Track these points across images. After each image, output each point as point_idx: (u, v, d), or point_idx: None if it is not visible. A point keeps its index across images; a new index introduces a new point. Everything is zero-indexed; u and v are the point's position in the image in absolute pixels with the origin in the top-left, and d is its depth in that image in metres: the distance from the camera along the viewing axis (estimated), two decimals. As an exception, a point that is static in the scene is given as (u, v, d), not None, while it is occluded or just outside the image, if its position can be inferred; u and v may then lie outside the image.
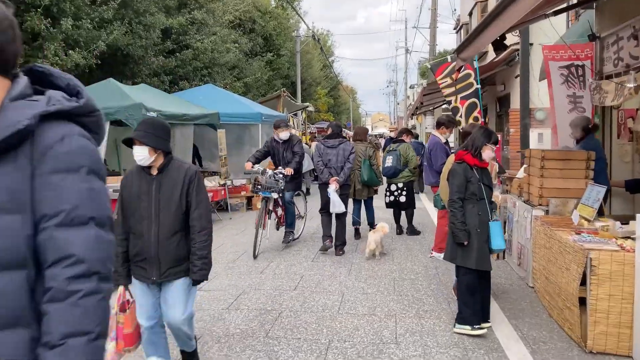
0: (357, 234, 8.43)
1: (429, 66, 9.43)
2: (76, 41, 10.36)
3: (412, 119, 28.74)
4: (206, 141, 13.46)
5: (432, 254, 7.12)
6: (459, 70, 7.14)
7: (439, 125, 6.95)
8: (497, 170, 11.14)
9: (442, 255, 7.15)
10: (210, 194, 9.94)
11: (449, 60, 8.37)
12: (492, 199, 4.48)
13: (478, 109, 8.01)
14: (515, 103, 12.93)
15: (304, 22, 26.74)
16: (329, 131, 7.82)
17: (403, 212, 8.71)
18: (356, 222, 8.39)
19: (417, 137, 18.86)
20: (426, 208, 11.52)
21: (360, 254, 7.29)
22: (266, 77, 22.73)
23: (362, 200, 8.28)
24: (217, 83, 15.97)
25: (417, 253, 7.35)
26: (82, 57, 10.12)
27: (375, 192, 8.40)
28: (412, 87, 61.48)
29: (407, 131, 9.44)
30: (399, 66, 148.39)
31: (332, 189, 7.06)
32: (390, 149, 8.38)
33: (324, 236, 7.46)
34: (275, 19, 25.54)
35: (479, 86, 8.06)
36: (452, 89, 8.16)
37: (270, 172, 7.36)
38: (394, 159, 8.18)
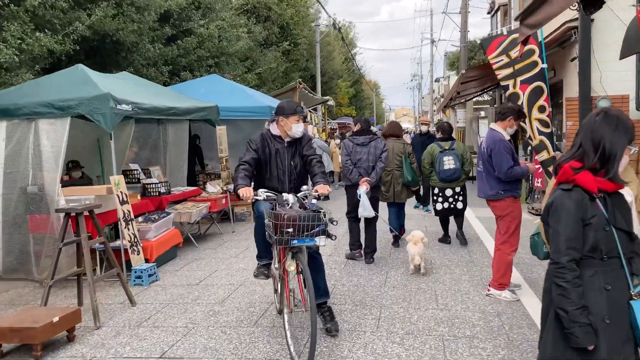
0: (396, 242, 7.56)
1: (479, 42, 7.55)
2: (50, 22, 8.75)
3: (442, 112, 26.67)
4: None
5: (489, 289, 5.28)
6: (523, 42, 5.26)
7: (503, 116, 5.05)
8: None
9: (502, 293, 5.33)
10: (207, 204, 8.23)
11: (505, 33, 6.46)
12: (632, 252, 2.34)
13: (545, 95, 6.13)
14: (570, 91, 10.93)
15: (324, 9, 24.92)
16: (357, 127, 6.88)
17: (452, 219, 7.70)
18: (395, 229, 7.56)
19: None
20: (467, 217, 9.69)
21: (391, 289, 5.48)
22: (283, 69, 20.98)
23: (397, 204, 7.48)
24: (225, 75, 14.28)
25: (467, 288, 5.50)
26: (57, 41, 8.49)
27: (414, 193, 7.68)
28: (437, 80, 59.10)
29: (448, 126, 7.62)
30: (424, 59, 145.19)
31: (363, 190, 6.20)
32: (446, 148, 7.26)
33: (352, 244, 6.78)
34: (293, 7, 23.73)
35: (545, 65, 6.17)
36: (510, 70, 6.29)
37: (290, 197, 4.04)
38: (455, 160, 7.16)
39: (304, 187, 4.30)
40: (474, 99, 22.35)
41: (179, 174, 9.14)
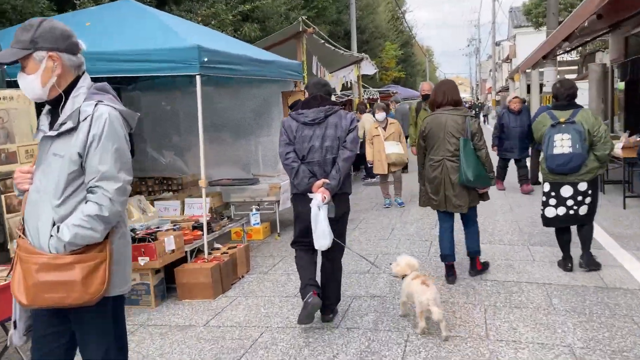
0: (452, 274, 4.56)
1: None
2: None
3: (524, 74, 20.02)
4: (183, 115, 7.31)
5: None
6: None
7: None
8: None
9: None
10: None
11: None
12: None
13: None
14: None
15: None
16: (306, 94, 4.01)
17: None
18: (449, 257, 4.54)
19: (524, 101, 11.26)
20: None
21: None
22: (304, 18, 15.23)
23: (460, 215, 4.60)
24: (187, 16, 8.81)
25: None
26: None
27: (482, 197, 4.55)
28: (498, 44, 52.02)
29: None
30: (482, 22, 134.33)
31: (318, 201, 3.55)
32: (561, 120, 4.43)
33: (305, 286, 3.76)
34: (318, -62, 17.76)
35: None
36: None
37: None
38: (575, 140, 4.36)
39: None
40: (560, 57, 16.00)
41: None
